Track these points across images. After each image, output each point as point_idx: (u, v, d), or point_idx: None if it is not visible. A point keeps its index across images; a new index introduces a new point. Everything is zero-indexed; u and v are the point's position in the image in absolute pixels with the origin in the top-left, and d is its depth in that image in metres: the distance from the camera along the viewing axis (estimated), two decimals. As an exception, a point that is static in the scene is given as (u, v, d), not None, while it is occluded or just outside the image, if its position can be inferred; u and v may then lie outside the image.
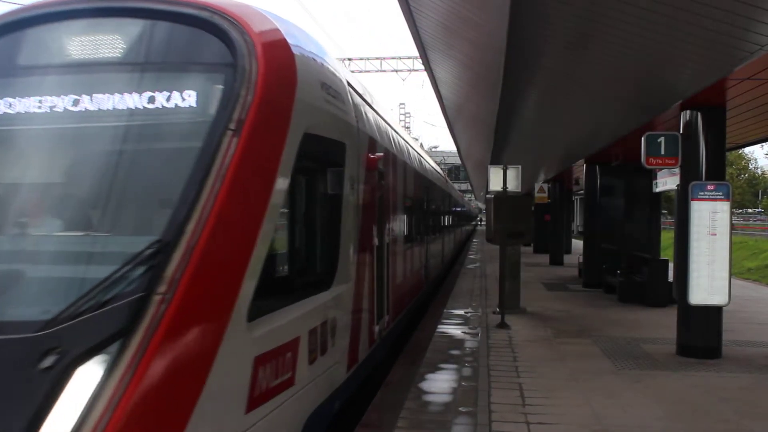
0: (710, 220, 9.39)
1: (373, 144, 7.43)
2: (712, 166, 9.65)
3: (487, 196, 16.81)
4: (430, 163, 18.68)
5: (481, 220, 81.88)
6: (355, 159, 6.33)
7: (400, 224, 10.27)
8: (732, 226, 9.78)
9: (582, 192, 21.93)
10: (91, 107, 4.27)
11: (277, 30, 4.86)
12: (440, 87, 16.34)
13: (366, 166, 6.93)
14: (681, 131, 9.87)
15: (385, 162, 8.15)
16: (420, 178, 13.50)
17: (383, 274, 8.13)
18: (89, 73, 4.45)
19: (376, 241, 7.59)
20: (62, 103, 4.31)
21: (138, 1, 4.58)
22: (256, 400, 4.15)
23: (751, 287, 20.48)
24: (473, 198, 78.15)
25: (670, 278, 13.47)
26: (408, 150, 11.62)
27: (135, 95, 4.26)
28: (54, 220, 4.33)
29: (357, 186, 6.48)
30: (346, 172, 5.94)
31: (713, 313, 9.54)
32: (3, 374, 3.31)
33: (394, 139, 9.70)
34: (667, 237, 24.76)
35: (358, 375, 6.81)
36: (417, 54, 15.18)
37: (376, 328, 7.67)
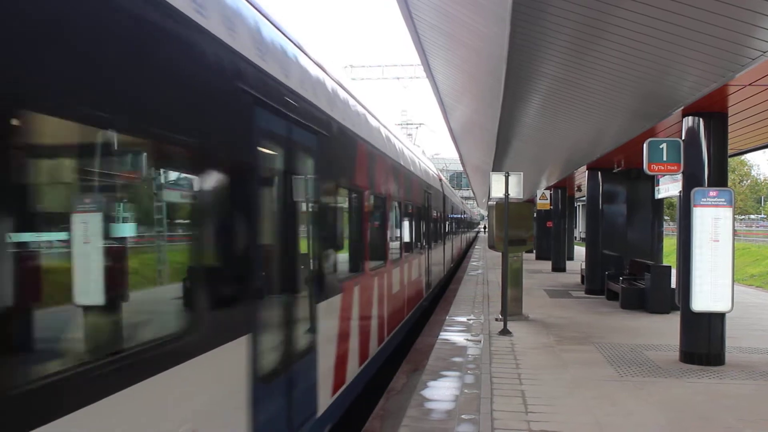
0: (712, 226, 9.37)
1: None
2: (715, 173, 9.63)
3: (489, 203, 16.80)
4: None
5: (484, 227, 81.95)
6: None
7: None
8: (734, 233, 9.75)
9: (584, 198, 21.90)
10: None
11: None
12: (441, 94, 16.38)
13: None
14: (683, 137, 9.87)
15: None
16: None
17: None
18: None
19: None
20: None
21: None
22: None
23: (754, 293, 20.41)
24: (476, 205, 78.19)
25: (673, 285, 13.44)
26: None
27: None
28: None
29: None
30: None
31: (716, 319, 9.51)
32: None
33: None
34: (669, 243, 24.73)
35: None
36: (418, 61, 15.21)
37: None
